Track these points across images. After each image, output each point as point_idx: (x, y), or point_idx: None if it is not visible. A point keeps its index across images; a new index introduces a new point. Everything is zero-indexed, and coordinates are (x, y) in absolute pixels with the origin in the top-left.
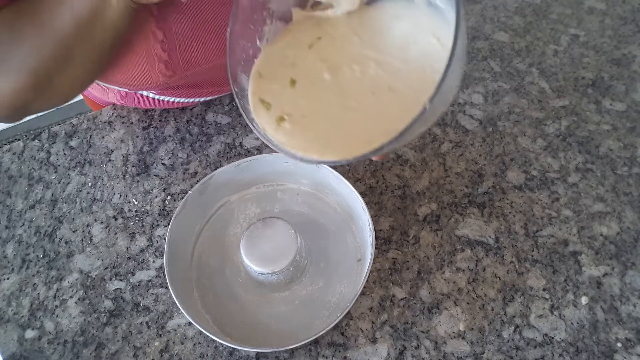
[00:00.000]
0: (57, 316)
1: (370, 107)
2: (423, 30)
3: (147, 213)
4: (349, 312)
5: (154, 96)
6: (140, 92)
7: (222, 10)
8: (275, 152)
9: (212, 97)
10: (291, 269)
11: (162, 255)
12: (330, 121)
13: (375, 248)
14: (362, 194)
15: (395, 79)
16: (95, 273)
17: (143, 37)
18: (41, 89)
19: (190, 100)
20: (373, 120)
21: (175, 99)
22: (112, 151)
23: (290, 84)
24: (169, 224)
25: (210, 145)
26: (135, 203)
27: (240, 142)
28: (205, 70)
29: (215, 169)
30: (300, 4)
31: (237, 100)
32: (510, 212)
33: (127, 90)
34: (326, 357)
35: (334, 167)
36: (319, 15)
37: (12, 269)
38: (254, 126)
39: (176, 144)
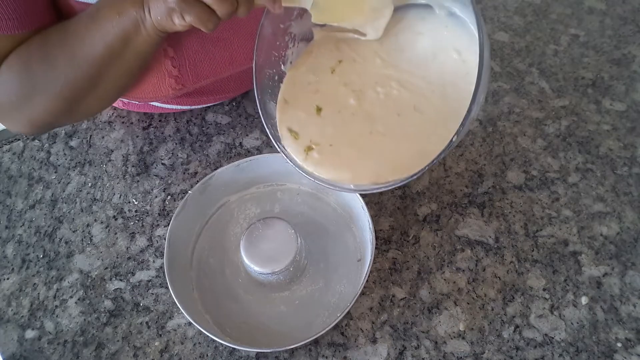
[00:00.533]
0: (57, 316)
1: (397, 130)
2: (444, 45)
3: (147, 213)
4: (349, 312)
5: (158, 104)
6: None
7: (231, 23)
8: (275, 152)
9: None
10: (291, 269)
11: (162, 255)
12: (358, 148)
13: (375, 248)
14: (362, 194)
15: (419, 98)
16: (95, 273)
17: (154, 55)
18: (71, 110)
19: (195, 107)
20: (401, 144)
21: (179, 107)
22: (112, 151)
23: (316, 111)
24: (169, 224)
25: (210, 145)
26: (135, 203)
27: (240, 142)
28: (214, 81)
29: (215, 169)
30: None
31: (267, 131)
32: (510, 212)
33: (135, 102)
34: (326, 357)
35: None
36: (339, 36)
37: (12, 269)
38: (285, 156)
39: (176, 144)
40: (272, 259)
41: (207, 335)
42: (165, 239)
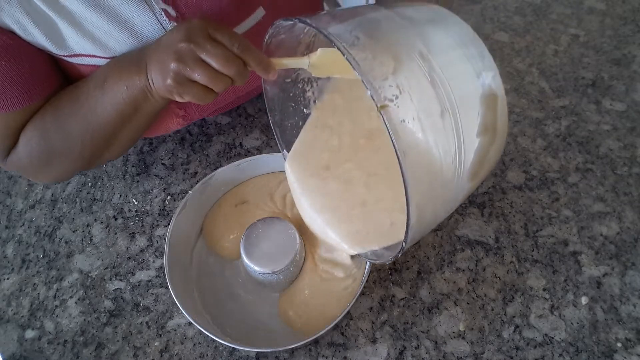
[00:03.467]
0: (57, 316)
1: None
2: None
3: (147, 213)
4: (349, 312)
5: None
6: None
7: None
8: (275, 152)
9: None
10: (291, 269)
11: (162, 255)
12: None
13: None
14: None
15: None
16: (95, 273)
17: None
18: (89, 164)
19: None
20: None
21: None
22: None
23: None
24: (169, 224)
25: (210, 145)
26: (135, 203)
27: (240, 142)
28: (215, 110)
29: (215, 169)
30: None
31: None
32: (510, 212)
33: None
34: (326, 357)
35: None
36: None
37: (12, 269)
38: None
39: (176, 144)
40: (272, 259)
41: (207, 335)
42: (165, 239)
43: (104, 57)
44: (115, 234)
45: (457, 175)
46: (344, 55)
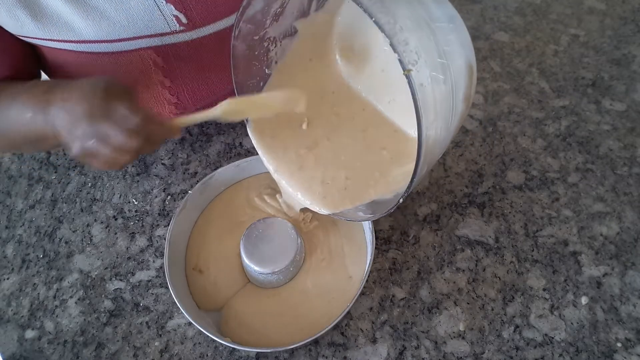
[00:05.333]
0: (57, 316)
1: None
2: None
3: (147, 213)
4: (349, 312)
5: None
6: None
7: (222, 46)
8: None
9: None
10: (291, 269)
11: (162, 255)
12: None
13: (375, 248)
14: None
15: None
16: (95, 273)
17: (152, 87)
18: None
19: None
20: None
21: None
22: None
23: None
24: (169, 224)
25: (210, 145)
26: (135, 203)
27: (240, 142)
28: (213, 101)
29: (215, 169)
30: (302, 14)
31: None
32: (510, 212)
33: None
34: (326, 357)
35: None
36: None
37: (12, 269)
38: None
39: (176, 144)
40: (272, 259)
41: (207, 335)
42: (165, 239)
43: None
44: (115, 234)
45: (446, 137)
46: (371, 18)
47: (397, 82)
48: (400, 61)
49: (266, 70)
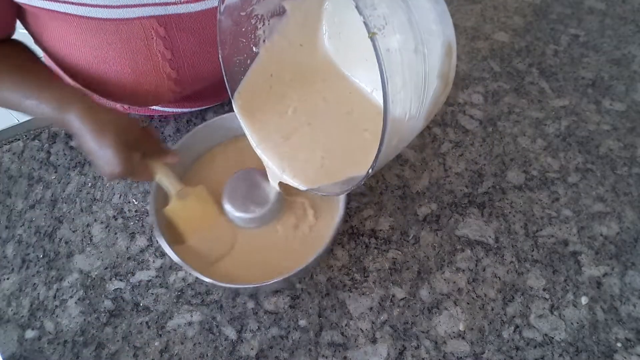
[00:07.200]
0: (57, 316)
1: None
2: None
3: (147, 213)
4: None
5: (158, 108)
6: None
7: None
8: None
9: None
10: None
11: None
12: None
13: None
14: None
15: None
16: (95, 273)
17: (152, 59)
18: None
19: (195, 110)
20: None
21: (179, 110)
22: None
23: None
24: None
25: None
26: (135, 203)
27: None
28: (213, 83)
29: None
30: None
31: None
32: (510, 212)
33: (135, 107)
34: (326, 357)
35: None
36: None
37: (12, 269)
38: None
39: (176, 144)
40: (251, 204)
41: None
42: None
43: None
44: (115, 234)
45: (418, 111)
46: None
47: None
48: (365, 24)
49: (253, 48)
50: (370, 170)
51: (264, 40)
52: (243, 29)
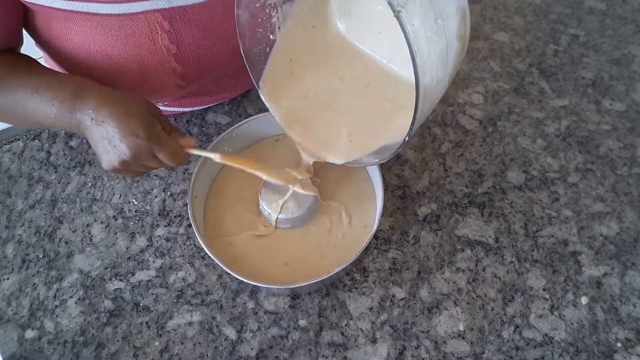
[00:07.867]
0: (57, 316)
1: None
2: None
3: (147, 213)
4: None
5: (161, 107)
6: None
7: (227, 11)
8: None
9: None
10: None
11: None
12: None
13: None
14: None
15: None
16: (95, 273)
17: (157, 53)
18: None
19: (195, 109)
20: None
21: (180, 109)
22: None
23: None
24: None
25: (210, 145)
26: (135, 203)
27: None
28: (217, 78)
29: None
30: None
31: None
32: (510, 212)
33: None
34: (326, 357)
35: None
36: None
37: (12, 269)
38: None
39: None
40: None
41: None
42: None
43: None
44: (115, 234)
45: (444, 75)
46: None
47: (395, 37)
48: (390, 4)
49: (270, 36)
50: (407, 138)
51: (279, 27)
52: (259, 20)
